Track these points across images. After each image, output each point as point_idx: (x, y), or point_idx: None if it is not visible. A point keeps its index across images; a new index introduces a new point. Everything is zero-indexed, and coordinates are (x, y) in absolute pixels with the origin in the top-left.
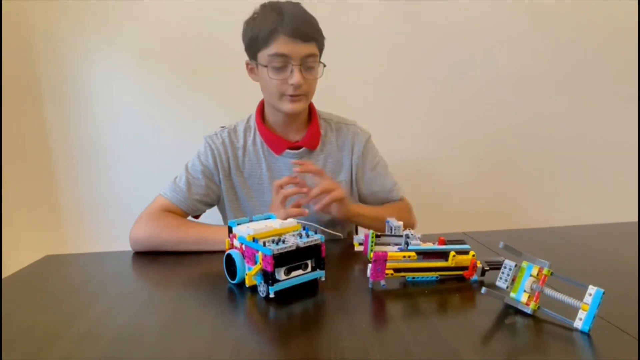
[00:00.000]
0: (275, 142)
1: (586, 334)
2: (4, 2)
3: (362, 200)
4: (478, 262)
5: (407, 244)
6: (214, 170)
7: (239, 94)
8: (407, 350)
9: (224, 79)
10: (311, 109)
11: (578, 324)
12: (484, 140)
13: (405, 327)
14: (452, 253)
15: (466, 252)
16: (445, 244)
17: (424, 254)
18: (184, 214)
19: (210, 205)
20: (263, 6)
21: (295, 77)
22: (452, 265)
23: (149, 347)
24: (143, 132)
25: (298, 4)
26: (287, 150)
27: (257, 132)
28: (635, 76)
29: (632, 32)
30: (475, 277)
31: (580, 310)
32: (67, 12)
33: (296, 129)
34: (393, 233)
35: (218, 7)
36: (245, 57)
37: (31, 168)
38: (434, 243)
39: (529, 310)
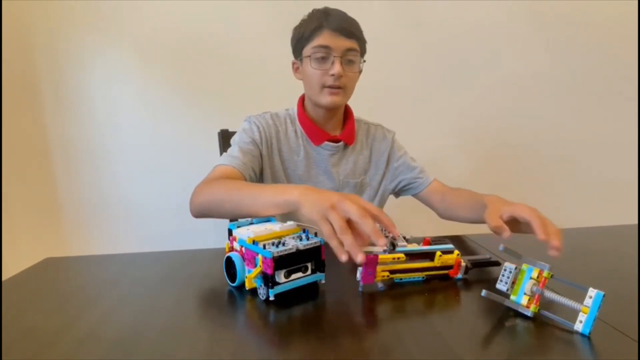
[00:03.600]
0: (316, 133)
1: (586, 337)
2: (4, 2)
3: (393, 192)
4: (462, 260)
5: (393, 245)
6: (260, 144)
7: (240, 96)
8: (407, 352)
9: (225, 81)
10: (347, 109)
11: (578, 326)
12: (485, 142)
13: (404, 328)
14: (439, 253)
15: (451, 252)
16: (430, 244)
17: (411, 255)
18: (243, 179)
19: (258, 179)
20: (311, 11)
21: (336, 67)
22: (438, 265)
23: (149, 349)
24: (144, 134)
25: (341, 10)
26: (326, 142)
27: (298, 122)
28: (634, 75)
29: (633, 32)
30: (459, 275)
31: (580, 313)
32: (69, 13)
33: (333, 125)
34: (384, 234)
35: (219, 10)
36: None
37: (31, 170)
38: (418, 244)
39: (529, 313)
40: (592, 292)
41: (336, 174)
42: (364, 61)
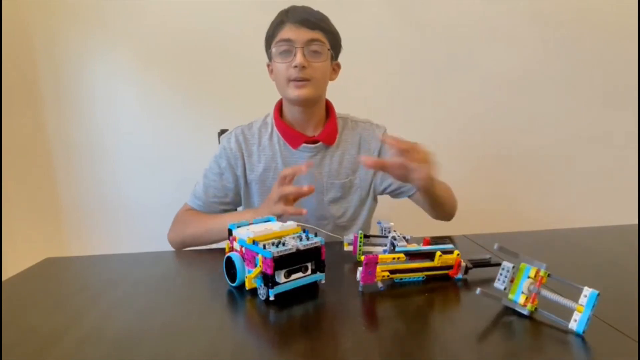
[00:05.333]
0: (293, 136)
1: (581, 336)
2: (4, 2)
3: (390, 192)
4: (462, 260)
5: (393, 245)
6: (228, 172)
7: (240, 97)
8: (407, 352)
9: (226, 81)
10: (329, 107)
11: (573, 325)
12: (483, 142)
13: (404, 328)
14: (438, 253)
15: (451, 252)
16: (430, 244)
17: (411, 255)
18: None
19: (232, 204)
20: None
21: (298, 58)
22: (438, 265)
23: (149, 349)
24: (144, 134)
25: (306, 5)
26: (304, 145)
27: (275, 128)
28: (634, 75)
29: (629, 30)
30: (459, 275)
31: (575, 312)
32: (70, 13)
33: (314, 125)
34: (384, 234)
35: (220, 11)
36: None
37: (31, 170)
38: (418, 244)
39: (525, 312)
40: (587, 291)
41: (318, 176)
42: (332, 52)
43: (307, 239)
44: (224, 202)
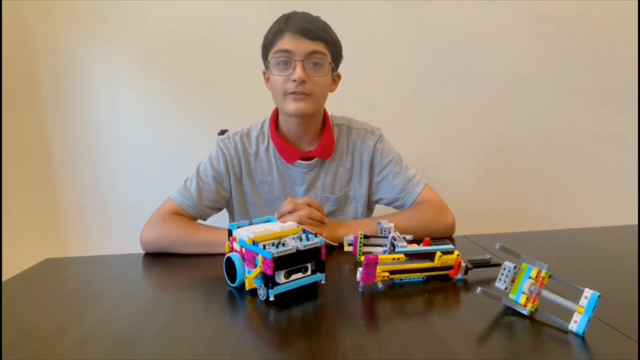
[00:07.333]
0: (288, 152)
1: (581, 337)
2: (4, 2)
3: (389, 204)
4: (462, 261)
5: (393, 246)
6: (225, 176)
7: (240, 99)
8: (407, 352)
9: (226, 83)
10: (325, 117)
11: (573, 326)
12: (484, 143)
13: (404, 328)
14: (438, 253)
15: (451, 252)
16: (430, 244)
17: (411, 256)
18: (193, 219)
19: (219, 210)
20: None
21: (297, 72)
22: (438, 265)
23: (149, 350)
24: (144, 134)
25: (307, 12)
26: (299, 161)
27: (271, 140)
28: (634, 75)
29: (629, 30)
30: (459, 275)
31: (575, 313)
32: (70, 13)
33: (309, 138)
34: (384, 234)
35: (221, 12)
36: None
37: (31, 170)
38: (418, 244)
39: (525, 312)
40: (587, 292)
41: (313, 191)
42: (333, 65)
43: (307, 239)
44: (214, 207)
